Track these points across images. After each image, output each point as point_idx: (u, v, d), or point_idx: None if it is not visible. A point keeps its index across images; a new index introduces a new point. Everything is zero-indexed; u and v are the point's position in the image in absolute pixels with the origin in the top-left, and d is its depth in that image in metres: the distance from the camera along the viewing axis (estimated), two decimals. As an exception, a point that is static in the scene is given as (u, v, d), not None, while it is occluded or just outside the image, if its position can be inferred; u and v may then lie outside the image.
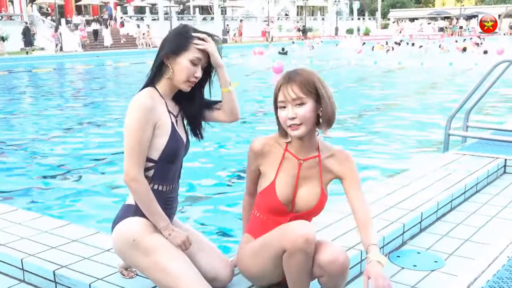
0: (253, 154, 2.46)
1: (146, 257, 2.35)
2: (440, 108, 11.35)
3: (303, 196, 2.44)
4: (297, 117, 2.27)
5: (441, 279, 3.01)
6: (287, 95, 2.27)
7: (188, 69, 2.37)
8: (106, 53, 31.47)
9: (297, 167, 2.42)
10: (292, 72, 2.32)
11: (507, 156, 5.14)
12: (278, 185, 2.42)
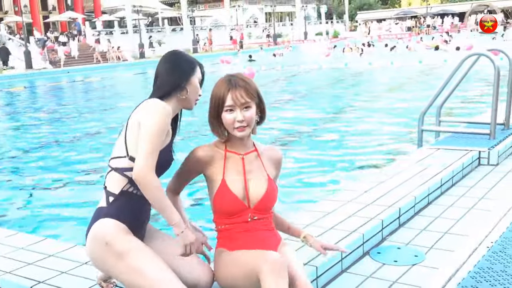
0: (196, 161, 2.54)
1: (120, 260, 2.29)
2: (412, 105, 11.48)
3: (253, 186, 2.53)
4: (245, 119, 2.44)
5: (422, 273, 3.00)
6: (236, 100, 2.43)
7: (198, 89, 2.55)
8: (77, 68, 31.10)
9: (241, 162, 2.55)
10: (234, 78, 2.48)
11: (481, 148, 5.20)
12: (229, 182, 2.50)
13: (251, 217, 2.50)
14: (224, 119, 2.47)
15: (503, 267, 2.97)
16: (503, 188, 4.41)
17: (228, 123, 2.47)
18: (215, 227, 2.62)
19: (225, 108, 2.45)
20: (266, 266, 2.18)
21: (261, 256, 2.26)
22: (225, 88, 2.45)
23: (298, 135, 9.67)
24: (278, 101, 14.03)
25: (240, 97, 2.43)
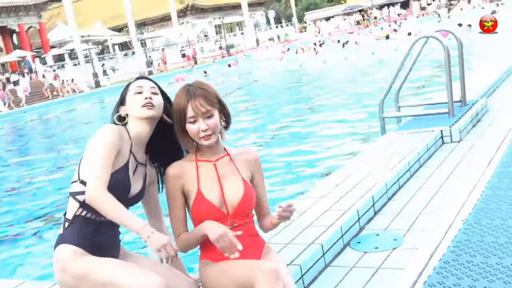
0: (173, 179, 2.49)
1: (82, 282, 2.23)
2: (371, 95, 11.67)
3: (229, 191, 2.49)
4: (209, 128, 2.42)
5: (403, 255, 3.05)
6: (197, 110, 2.40)
7: (135, 98, 2.47)
8: (33, 107, 30.49)
9: (213, 168, 2.52)
10: (193, 88, 2.45)
11: (442, 127, 5.32)
12: (205, 191, 2.47)
13: (231, 224, 2.46)
14: (188, 130, 2.44)
15: (480, 237, 3.04)
16: (469, 163, 4.52)
17: (193, 134, 2.44)
18: None
19: (188, 120, 2.43)
20: (262, 277, 2.15)
21: (255, 266, 2.23)
22: (185, 99, 2.42)
23: (262, 140, 9.71)
24: (240, 110, 14.09)
25: (201, 107, 2.40)
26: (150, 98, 2.46)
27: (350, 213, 3.47)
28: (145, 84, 2.52)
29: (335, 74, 20.10)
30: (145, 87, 2.50)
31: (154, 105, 2.46)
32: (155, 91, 2.51)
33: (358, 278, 2.87)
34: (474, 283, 2.57)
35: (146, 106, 2.44)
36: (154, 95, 2.49)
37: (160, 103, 2.50)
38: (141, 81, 2.55)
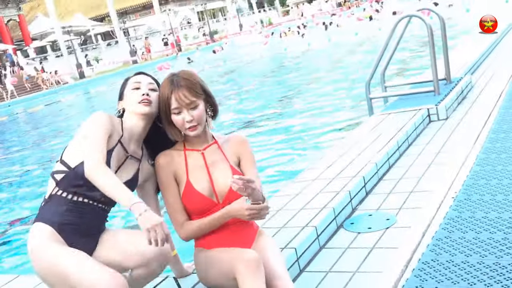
0: (163, 167, 2.49)
1: (41, 264, 2.21)
2: (357, 76, 11.69)
3: (219, 179, 2.48)
4: (194, 119, 2.41)
5: (396, 234, 3.08)
6: (181, 101, 2.39)
7: (133, 94, 2.46)
8: (17, 100, 30.18)
9: (201, 157, 2.52)
10: (177, 77, 2.43)
11: (429, 106, 5.36)
12: (194, 181, 2.46)
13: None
14: (174, 121, 2.43)
15: (471, 214, 3.08)
16: (457, 140, 4.56)
17: (179, 125, 2.43)
18: None
19: (172, 111, 2.42)
20: (241, 266, 2.16)
21: (235, 255, 2.24)
22: (168, 90, 2.41)
23: (251, 126, 9.70)
24: (227, 96, 14.05)
25: (184, 98, 2.38)
26: (147, 94, 2.45)
27: (342, 194, 3.50)
28: (143, 80, 2.51)
29: (320, 56, 20.10)
30: (143, 83, 2.49)
31: (151, 102, 2.45)
32: (153, 87, 2.50)
33: (353, 259, 2.90)
34: (467, 259, 2.61)
35: (142, 102, 2.43)
36: (152, 92, 2.48)
37: (156, 100, 2.48)
38: (140, 77, 2.54)
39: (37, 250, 2.22)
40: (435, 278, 2.51)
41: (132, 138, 2.48)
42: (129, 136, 2.47)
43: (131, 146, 2.49)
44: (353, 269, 2.78)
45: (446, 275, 2.51)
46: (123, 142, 2.44)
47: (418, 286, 2.47)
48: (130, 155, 2.46)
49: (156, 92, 2.49)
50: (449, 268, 2.57)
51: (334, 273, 2.79)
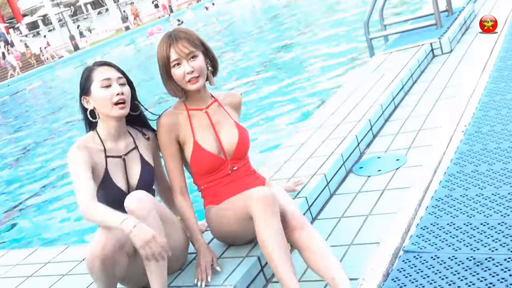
0: (167, 128, 2.42)
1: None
2: (354, 17, 11.43)
3: (225, 137, 2.48)
4: (194, 69, 2.36)
5: (408, 174, 3.02)
6: (180, 52, 2.34)
7: (104, 93, 2.27)
8: (16, 79, 29.99)
9: (206, 116, 2.48)
10: (174, 32, 2.40)
11: (431, 40, 5.20)
12: (201, 140, 2.43)
13: (231, 169, 2.46)
14: (174, 76, 2.38)
15: (483, 146, 3.00)
16: (462, 72, 4.43)
17: (179, 79, 2.38)
18: (197, 188, 2.55)
19: (172, 64, 2.36)
20: (255, 202, 2.14)
21: (249, 195, 2.21)
22: (167, 44, 2.36)
23: (251, 79, 9.58)
24: (224, 52, 13.86)
25: (183, 48, 2.34)
26: (122, 93, 2.27)
27: (349, 139, 3.42)
28: (112, 75, 2.29)
29: (315, 2, 19.64)
30: (113, 78, 2.28)
31: (126, 101, 2.29)
32: (123, 82, 2.32)
33: (365, 202, 2.85)
34: (481, 191, 2.55)
35: (119, 105, 2.27)
36: (123, 87, 2.30)
37: (129, 94, 2.33)
38: (107, 71, 2.30)
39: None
40: (450, 213, 2.46)
41: (115, 138, 2.37)
42: (111, 139, 2.37)
43: (120, 144, 2.39)
44: (366, 213, 2.73)
45: (461, 210, 2.46)
46: (110, 152, 2.35)
47: (433, 223, 2.42)
48: (124, 155, 2.38)
49: (126, 86, 2.33)
50: (464, 202, 2.51)
51: (347, 218, 2.75)
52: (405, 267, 2.19)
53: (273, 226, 2.11)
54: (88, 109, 2.33)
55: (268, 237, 2.09)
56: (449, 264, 2.11)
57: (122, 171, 2.37)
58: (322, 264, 2.13)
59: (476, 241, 2.20)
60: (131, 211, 2.08)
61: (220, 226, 2.40)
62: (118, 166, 2.36)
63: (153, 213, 2.11)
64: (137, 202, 2.11)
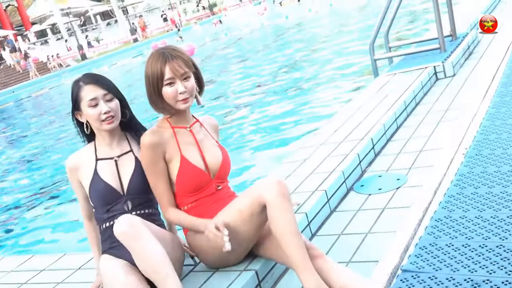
0: (153, 147, 2.39)
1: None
2: (361, 38, 11.51)
3: (209, 156, 2.49)
4: (187, 90, 2.38)
5: (408, 194, 3.04)
6: (176, 72, 2.35)
7: (92, 113, 2.39)
8: (20, 86, 30.14)
9: (190, 134, 2.50)
10: (168, 50, 2.39)
11: (435, 63, 5.25)
12: (188, 156, 2.43)
13: (216, 188, 2.45)
14: (166, 93, 2.37)
15: (483, 168, 3.02)
16: (465, 96, 4.48)
17: (171, 97, 2.37)
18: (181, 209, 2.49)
19: (165, 82, 2.36)
20: (270, 187, 2.13)
21: (258, 183, 2.21)
22: (162, 62, 2.35)
23: (256, 94, 9.63)
24: (232, 65, 13.94)
25: (179, 68, 2.35)
26: (109, 111, 2.38)
27: (351, 157, 3.45)
28: (98, 93, 2.39)
29: (322, 21, 19.81)
30: (99, 97, 2.38)
31: (114, 116, 2.41)
32: (109, 97, 2.41)
33: (365, 220, 2.87)
34: (480, 214, 2.57)
35: (106, 121, 2.40)
36: (110, 102, 2.40)
37: (117, 108, 2.43)
38: (93, 91, 2.39)
39: (104, 275, 2.26)
40: (449, 234, 2.47)
41: (110, 143, 2.49)
42: (106, 145, 2.49)
43: (114, 149, 2.49)
44: (365, 231, 2.75)
45: (460, 231, 2.47)
46: (102, 155, 2.46)
47: (432, 243, 2.44)
48: (116, 157, 2.47)
49: (114, 100, 2.42)
50: (463, 224, 2.53)
51: (346, 235, 2.77)
52: (403, 286, 2.20)
53: (290, 212, 2.12)
54: (83, 122, 2.47)
55: (285, 222, 2.09)
56: (446, 285, 2.12)
57: (114, 171, 2.44)
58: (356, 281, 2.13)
59: (474, 263, 2.21)
60: (121, 233, 2.08)
61: (214, 246, 2.30)
62: (109, 167, 2.45)
63: (144, 230, 2.11)
64: (125, 224, 2.10)
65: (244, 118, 7.87)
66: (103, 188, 2.40)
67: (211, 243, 2.28)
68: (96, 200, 2.43)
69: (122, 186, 2.43)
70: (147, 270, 2.07)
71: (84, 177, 2.45)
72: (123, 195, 2.42)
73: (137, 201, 2.44)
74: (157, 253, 2.05)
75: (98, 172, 2.43)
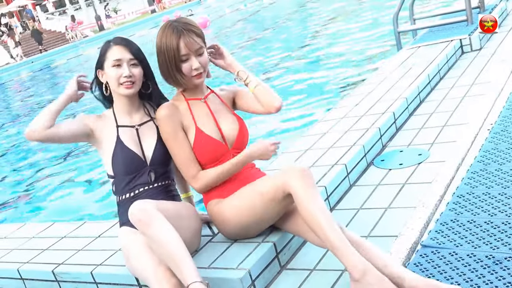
0: (169, 118, 2.38)
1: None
2: (384, 9, 11.30)
3: (225, 125, 2.47)
4: (201, 65, 2.37)
5: (430, 169, 2.97)
6: (191, 46, 2.32)
7: (113, 73, 2.38)
8: (40, 56, 30.33)
9: (205, 105, 2.48)
10: (180, 24, 2.34)
11: (461, 36, 5.11)
12: (202, 127, 2.42)
13: (233, 156, 2.42)
14: (183, 68, 2.36)
15: (508, 145, 2.95)
16: (491, 70, 4.35)
17: (187, 72, 2.36)
18: None
19: (181, 58, 2.33)
20: (295, 174, 2.09)
21: (284, 170, 2.17)
22: (176, 37, 2.31)
23: (277, 66, 9.54)
24: (252, 39, 13.81)
25: (194, 43, 2.33)
26: (130, 76, 2.36)
27: (372, 131, 3.38)
28: (124, 56, 2.38)
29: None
30: (124, 59, 2.37)
31: (134, 82, 2.39)
32: (135, 63, 2.39)
33: (384, 195, 2.82)
34: (504, 191, 2.51)
35: (125, 85, 2.37)
36: (134, 68, 2.39)
37: (140, 76, 2.42)
38: (120, 51, 2.38)
39: (124, 250, 2.30)
40: (471, 211, 2.43)
41: (129, 112, 2.48)
42: (125, 112, 2.47)
43: (134, 117, 2.48)
44: (385, 205, 2.70)
45: (483, 208, 2.43)
46: (121, 123, 2.45)
47: (453, 219, 2.40)
48: (137, 125, 2.46)
49: (138, 68, 2.40)
50: (486, 200, 2.48)
51: (366, 209, 2.73)
52: (422, 261, 2.17)
53: (318, 198, 2.08)
54: (102, 83, 2.45)
55: (315, 209, 2.04)
56: (467, 261, 2.09)
57: (136, 141, 2.43)
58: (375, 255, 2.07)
59: (497, 240, 2.17)
60: (137, 220, 2.07)
61: (237, 218, 2.30)
62: (131, 135, 2.43)
63: (158, 217, 2.08)
64: (139, 211, 2.08)
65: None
66: (128, 156, 2.39)
67: (235, 210, 2.29)
68: (119, 168, 2.40)
69: (144, 155, 2.42)
70: (162, 257, 2.07)
71: (106, 141, 2.43)
72: (147, 165, 2.41)
73: (159, 172, 2.44)
74: (172, 240, 2.03)
75: (122, 139, 2.41)
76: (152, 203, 2.13)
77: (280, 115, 6.15)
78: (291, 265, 2.41)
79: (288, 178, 2.11)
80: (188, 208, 2.45)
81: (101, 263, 2.62)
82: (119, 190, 2.44)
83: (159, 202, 2.21)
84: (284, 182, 2.12)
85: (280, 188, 2.14)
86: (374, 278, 1.93)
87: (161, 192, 2.44)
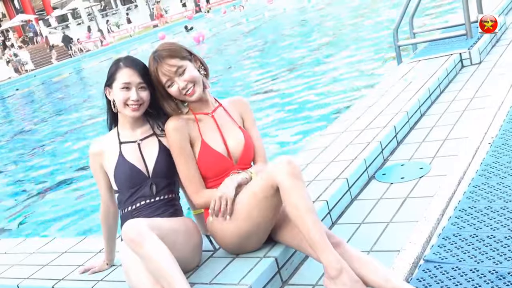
0: (178, 131, 2.41)
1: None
2: (385, 24, 11.35)
3: (231, 140, 2.49)
4: (187, 82, 2.38)
5: (431, 183, 2.97)
6: (168, 72, 2.36)
7: (121, 96, 2.39)
8: (42, 70, 30.43)
9: (212, 120, 2.51)
10: (158, 52, 2.40)
11: (461, 50, 5.12)
12: (209, 140, 2.45)
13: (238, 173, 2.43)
14: (171, 93, 2.42)
15: (510, 159, 2.95)
16: (491, 84, 4.36)
17: (177, 95, 2.42)
18: None
19: (166, 85, 2.39)
20: (281, 167, 2.10)
21: (271, 164, 2.19)
22: (154, 68, 2.38)
23: (278, 80, 9.56)
24: (252, 52, 13.87)
25: (169, 67, 2.36)
26: (137, 100, 2.39)
27: (373, 145, 3.39)
28: (134, 80, 2.40)
29: (345, 6, 19.54)
30: (133, 83, 2.39)
31: (141, 105, 2.42)
32: (143, 86, 2.41)
33: (386, 209, 2.82)
34: (506, 204, 2.50)
35: (131, 107, 2.40)
36: (142, 91, 2.41)
37: (147, 98, 2.43)
38: (129, 75, 2.39)
39: (125, 265, 2.29)
40: (473, 225, 2.42)
41: (132, 127, 2.50)
42: (128, 128, 2.50)
43: (136, 132, 2.50)
44: (387, 220, 2.70)
45: (485, 222, 2.42)
46: (124, 138, 2.48)
47: (456, 233, 2.39)
48: (139, 140, 2.48)
49: (146, 91, 2.43)
50: (488, 214, 2.47)
51: (367, 224, 2.72)
52: (425, 276, 2.16)
53: (302, 189, 2.09)
54: (110, 100, 2.48)
55: (298, 201, 2.06)
56: (470, 276, 2.08)
57: (138, 154, 2.45)
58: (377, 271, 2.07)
59: (499, 255, 2.16)
60: (129, 240, 2.07)
61: (236, 227, 2.30)
62: (133, 149, 2.46)
63: (150, 236, 2.07)
64: (131, 231, 2.08)
65: (263, 103, 7.83)
66: (129, 170, 2.41)
67: (224, 225, 2.30)
68: (121, 182, 2.43)
69: (147, 168, 2.44)
70: (155, 276, 2.07)
71: (109, 161, 2.46)
72: (149, 177, 2.42)
73: (161, 185, 2.45)
74: (163, 259, 2.03)
75: (123, 154, 2.44)
76: (145, 221, 2.14)
77: (281, 129, 6.16)
78: (293, 280, 2.39)
79: (274, 172, 2.13)
80: (187, 223, 2.44)
81: (102, 279, 2.62)
82: (122, 204, 2.47)
83: (153, 220, 2.22)
84: (271, 176, 2.14)
85: (268, 182, 2.16)
86: (349, 279, 1.97)
87: (163, 206, 2.45)
